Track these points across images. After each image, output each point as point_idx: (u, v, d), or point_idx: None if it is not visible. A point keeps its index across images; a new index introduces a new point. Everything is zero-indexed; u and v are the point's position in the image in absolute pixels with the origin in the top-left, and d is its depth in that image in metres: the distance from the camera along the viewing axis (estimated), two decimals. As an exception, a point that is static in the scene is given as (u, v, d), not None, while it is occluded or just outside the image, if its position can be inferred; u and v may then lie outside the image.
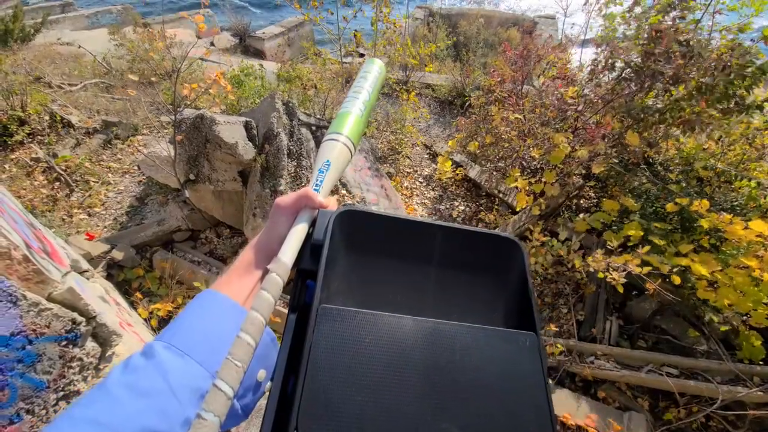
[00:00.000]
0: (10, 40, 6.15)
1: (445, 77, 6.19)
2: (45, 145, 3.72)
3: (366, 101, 0.60)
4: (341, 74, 5.06)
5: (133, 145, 4.06)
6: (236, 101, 3.87)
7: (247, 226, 2.87)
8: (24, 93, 3.90)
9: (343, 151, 0.54)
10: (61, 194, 3.30)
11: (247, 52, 8.43)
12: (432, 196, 3.97)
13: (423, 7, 10.23)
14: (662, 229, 2.07)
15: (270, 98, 3.05)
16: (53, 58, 6.11)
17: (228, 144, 2.67)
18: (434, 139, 4.96)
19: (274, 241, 0.47)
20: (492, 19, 9.06)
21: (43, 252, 1.41)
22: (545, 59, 3.85)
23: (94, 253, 2.65)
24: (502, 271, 0.44)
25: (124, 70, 5.28)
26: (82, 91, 4.68)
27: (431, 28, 8.17)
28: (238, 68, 4.55)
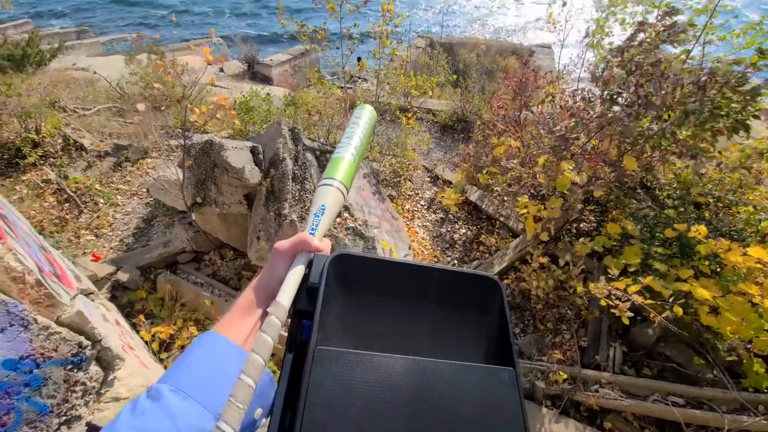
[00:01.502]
0: (27, 65, 6.40)
1: (446, 103, 6.38)
2: (57, 167, 3.83)
3: (357, 146, 0.64)
4: (344, 100, 5.23)
5: (142, 167, 4.17)
6: (244, 126, 4.00)
7: (250, 248, 2.90)
8: (39, 116, 4.06)
9: (337, 196, 0.58)
10: (71, 215, 3.37)
11: (255, 78, 8.74)
12: (433, 219, 4.01)
13: (424, 37, 10.66)
14: (663, 254, 2.09)
15: (277, 124, 3.16)
16: (68, 83, 6.36)
17: (235, 168, 2.75)
18: (435, 162, 5.06)
19: (273, 283, 0.50)
20: (491, 48, 9.41)
21: (53, 275, 1.44)
22: (543, 87, 3.99)
23: (99, 274, 2.68)
24: (484, 308, 0.47)
25: (136, 95, 5.49)
26: (95, 115, 4.85)
27: (432, 56, 8.47)
28: (247, 95, 4.73)
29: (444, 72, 7.34)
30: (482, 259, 3.34)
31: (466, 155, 4.19)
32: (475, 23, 22.40)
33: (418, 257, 3.39)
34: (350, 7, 3.57)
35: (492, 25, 21.31)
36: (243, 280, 3.13)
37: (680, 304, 1.78)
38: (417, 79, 4.83)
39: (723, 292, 1.82)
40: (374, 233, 3.03)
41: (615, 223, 2.42)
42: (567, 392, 2.20)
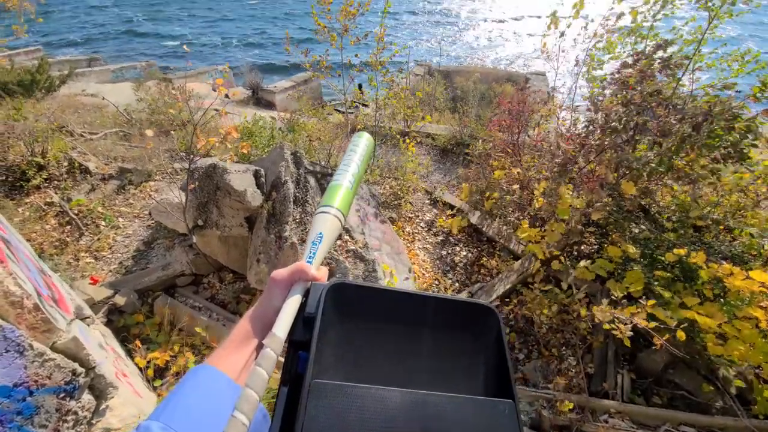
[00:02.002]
0: (36, 90, 6.59)
1: (444, 127, 6.53)
2: (61, 189, 3.87)
3: (355, 173, 0.66)
4: (345, 125, 5.36)
5: (145, 190, 4.21)
6: (247, 151, 4.07)
7: (250, 271, 2.88)
8: (45, 140, 4.14)
9: (335, 223, 0.59)
10: (71, 238, 3.37)
11: (259, 104, 8.99)
12: (434, 242, 4.01)
13: (422, 64, 11.06)
14: (664, 278, 2.08)
15: (279, 148, 3.23)
16: (77, 108, 6.53)
17: (237, 192, 2.78)
18: (435, 185, 5.11)
19: (269, 312, 0.50)
20: (487, 75, 9.73)
21: (51, 300, 1.43)
22: (539, 111, 4.10)
23: (97, 298, 2.64)
24: (482, 337, 0.47)
25: (143, 120, 5.63)
26: (102, 139, 4.95)
27: (430, 83, 8.75)
28: (251, 121, 4.85)
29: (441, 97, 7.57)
30: (484, 282, 3.31)
31: (466, 177, 4.25)
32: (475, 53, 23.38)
33: (418, 280, 3.36)
34: (351, 39, 3.72)
35: (488, 55, 22.20)
36: (241, 304, 3.09)
37: (685, 329, 1.75)
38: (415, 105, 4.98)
39: (729, 317, 1.79)
40: (375, 256, 3.02)
41: (615, 246, 2.42)
42: (575, 423, 2.12)
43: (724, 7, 3.00)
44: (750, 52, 3.32)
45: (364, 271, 2.84)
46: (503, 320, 2.99)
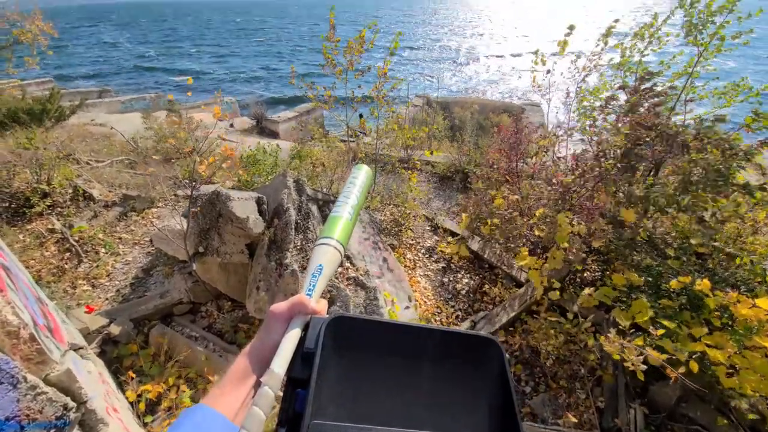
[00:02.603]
0: (46, 119, 6.77)
1: (443, 155, 6.67)
2: (63, 216, 3.89)
3: (354, 205, 0.67)
4: (347, 153, 5.48)
5: (147, 217, 4.23)
6: (250, 177, 4.14)
7: (249, 299, 2.84)
8: (52, 168, 4.22)
9: (335, 255, 0.59)
10: (70, 265, 3.34)
11: (263, 133, 9.23)
12: (435, 268, 3.98)
13: (421, 96, 11.48)
14: (670, 307, 2.04)
15: (282, 176, 3.28)
16: (85, 137, 6.70)
17: (239, 218, 2.79)
18: (435, 211, 5.14)
19: (267, 348, 0.49)
20: (484, 106, 10.07)
21: (47, 329, 1.40)
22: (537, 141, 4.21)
23: (92, 327, 2.58)
24: (484, 371, 0.46)
25: (149, 148, 5.76)
26: (108, 167, 5.04)
27: (429, 113, 9.04)
28: (254, 148, 4.96)
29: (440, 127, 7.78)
30: (487, 311, 3.25)
31: (466, 205, 4.29)
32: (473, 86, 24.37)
33: (420, 308, 3.30)
34: (356, 73, 3.89)
35: (486, 89, 23.12)
36: (239, 333, 3.01)
37: (697, 360, 1.71)
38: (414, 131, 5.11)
39: (738, 347, 1.75)
40: (376, 283, 2.99)
41: (618, 274, 2.40)
42: (587, 462, 2.00)
43: (712, 43, 3.17)
44: (742, 82, 3.44)
45: (365, 299, 2.79)
46: (507, 351, 2.91)
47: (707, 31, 3.13)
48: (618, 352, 1.71)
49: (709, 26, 3.11)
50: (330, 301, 2.64)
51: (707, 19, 3.08)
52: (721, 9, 3.03)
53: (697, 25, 3.13)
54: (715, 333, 1.85)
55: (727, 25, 3.10)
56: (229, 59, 37.24)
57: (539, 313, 2.69)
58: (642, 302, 2.03)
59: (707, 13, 3.07)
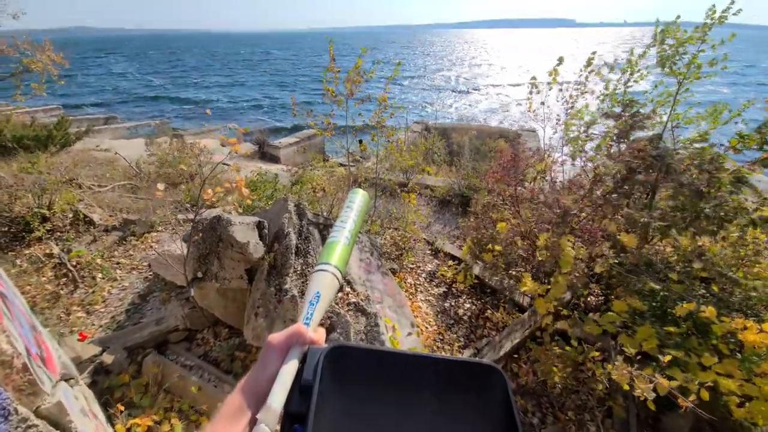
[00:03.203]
0: (51, 145, 6.89)
1: (442, 179, 6.76)
2: (62, 241, 3.88)
3: (352, 230, 0.67)
4: (348, 178, 5.55)
5: (146, 241, 4.21)
6: (252, 202, 4.17)
7: (247, 326, 2.78)
8: (54, 192, 4.25)
9: (333, 281, 0.58)
10: (65, 290, 3.29)
11: (264, 158, 9.38)
12: (436, 293, 3.92)
13: (420, 122, 11.78)
14: (677, 334, 2.00)
15: (283, 200, 3.30)
16: (89, 162, 6.80)
17: (240, 243, 2.78)
18: (435, 235, 5.14)
19: (264, 381, 0.47)
20: (481, 132, 10.32)
21: (39, 359, 1.36)
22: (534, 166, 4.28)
23: (84, 356, 2.51)
24: (488, 401, 0.45)
25: (152, 173, 5.83)
26: (110, 191, 5.08)
27: (427, 138, 9.24)
28: (254, 173, 5.03)
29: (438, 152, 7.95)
30: (490, 337, 3.18)
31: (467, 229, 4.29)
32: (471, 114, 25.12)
33: (422, 335, 3.22)
34: (356, 102, 4.02)
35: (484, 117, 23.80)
36: (236, 362, 2.92)
37: (708, 389, 1.65)
38: (414, 154, 5.22)
39: (748, 374, 1.70)
40: (376, 309, 2.94)
41: (621, 300, 2.37)
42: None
43: (690, 71, 3.31)
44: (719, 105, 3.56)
45: (366, 325, 2.74)
46: (512, 381, 2.81)
47: (682, 61, 3.28)
48: (627, 381, 1.66)
49: (681, 56, 3.26)
50: (330, 327, 2.59)
51: (676, 51, 3.24)
52: (690, 39, 3.19)
53: (671, 56, 3.29)
54: (724, 361, 1.81)
55: (704, 53, 3.24)
56: (234, 88, 38.50)
57: (544, 340, 2.62)
58: (647, 329, 1.99)
59: (676, 44, 3.23)
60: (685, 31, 3.24)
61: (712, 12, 3.12)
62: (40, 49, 7.42)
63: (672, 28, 3.29)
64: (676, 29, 3.25)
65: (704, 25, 3.16)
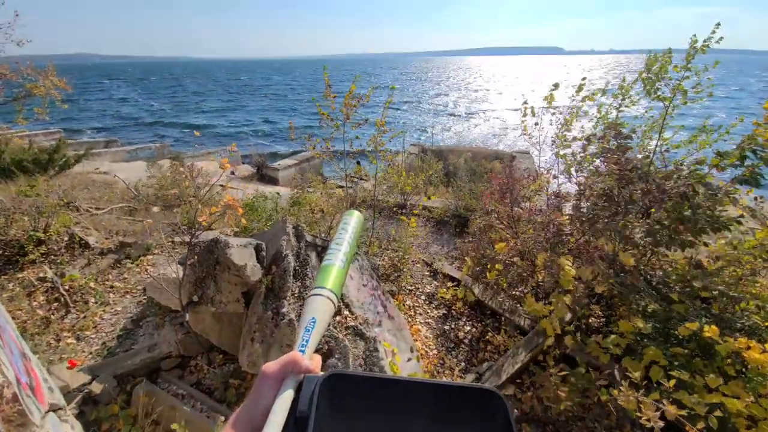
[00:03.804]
0: (50, 168, 6.92)
1: (440, 200, 6.82)
2: (56, 264, 3.82)
3: (347, 252, 0.67)
4: (346, 199, 5.59)
5: (142, 264, 4.16)
6: (249, 224, 4.16)
7: (243, 351, 2.70)
8: (51, 215, 4.23)
9: (328, 306, 0.57)
10: (56, 316, 3.21)
11: (263, 180, 9.45)
12: (435, 315, 3.87)
13: (416, 145, 12.01)
14: (681, 355, 1.97)
15: (281, 222, 3.30)
16: (87, 185, 6.81)
17: (237, 266, 2.76)
18: (433, 256, 5.12)
19: (257, 414, 0.45)
20: (477, 153, 10.51)
21: (29, 388, 1.32)
22: (529, 186, 4.35)
23: (73, 384, 2.42)
24: (489, 427, 0.44)
25: (150, 195, 5.84)
26: (107, 214, 5.06)
27: (424, 160, 9.39)
28: (253, 195, 5.05)
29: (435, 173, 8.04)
30: (491, 361, 3.11)
31: (466, 249, 4.29)
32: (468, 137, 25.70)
33: (423, 360, 3.15)
34: (353, 125, 4.12)
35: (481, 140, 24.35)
36: (229, 390, 2.82)
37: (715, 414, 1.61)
38: (415, 180, 5.29)
39: (754, 395, 1.67)
40: (375, 332, 2.88)
41: (625, 321, 2.35)
42: None
43: (676, 97, 3.45)
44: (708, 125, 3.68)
45: (365, 350, 2.67)
46: (516, 407, 2.73)
47: (668, 87, 3.43)
48: (635, 408, 1.62)
49: (667, 83, 3.41)
50: (328, 352, 2.53)
51: (659, 77, 3.39)
52: (675, 68, 3.35)
53: (654, 82, 3.44)
54: (730, 382, 1.77)
55: (688, 80, 3.40)
56: (234, 113, 39.30)
57: (547, 364, 2.57)
58: (655, 351, 1.96)
59: (661, 71, 3.39)
60: (668, 59, 3.40)
61: (694, 41, 3.28)
62: (44, 74, 7.60)
63: (653, 56, 3.46)
64: (662, 57, 3.41)
65: (687, 54, 3.31)
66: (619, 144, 3.08)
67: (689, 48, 3.31)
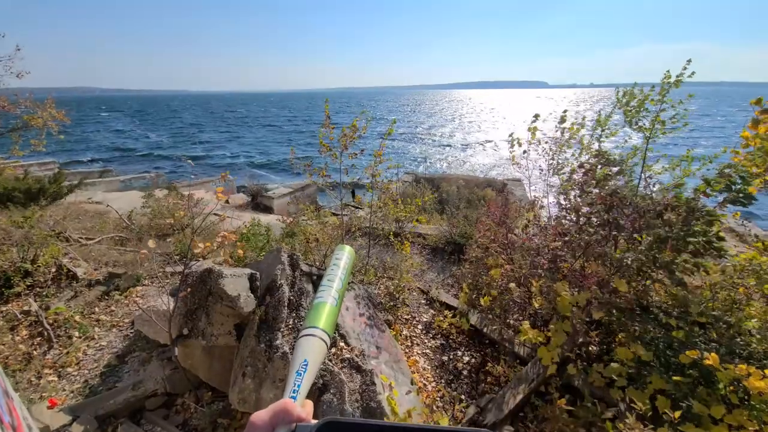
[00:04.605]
0: (41, 198, 6.86)
1: (434, 227, 6.86)
2: (42, 297, 3.70)
3: (339, 289, 0.67)
4: (341, 227, 5.59)
5: (131, 296, 4.05)
6: (243, 253, 4.12)
7: (233, 388, 2.59)
8: (40, 246, 4.15)
9: (321, 347, 0.56)
10: (39, 351, 3.07)
11: (258, 208, 9.45)
12: (433, 346, 3.77)
13: (410, 173, 12.24)
14: (684, 383, 1.94)
15: (277, 251, 3.28)
16: (79, 215, 6.74)
17: (230, 297, 2.70)
18: (429, 284, 5.08)
19: None
20: (469, 181, 10.72)
21: (11, 428, 1.24)
22: (524, 215, 4.42)
23: (53, 425, 2.27)
24: None
25: (143, 225, 5.78)
26: (97, 244, 4.98)
27: (418, 188, 9.53)
28: (248, 224, 5.03)
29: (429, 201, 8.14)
30: (492, 393, 3.01)
31: (462, 276, 4.27)
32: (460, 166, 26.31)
33: (422, 393, 3.03)
34: (350, 154, 4.22)
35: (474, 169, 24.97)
36: (218, 430, 2.67)
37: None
38: (411, 208, 5.34)
39: (758, 424, 1.63)
40: (372, 365, 2.79)
41: (625, 348, 2.32)
42: None
43: (654, 128, 3.64)
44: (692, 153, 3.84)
45: (361, 384, 2.58)
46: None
47: (647, 119, 3.63)
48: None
49: (645, 114, 3.62)
50: (323, 387, 2.43)
51: (638, 111, 3.60)
52: (651, 102, 3.56)
53: (634, 114, 3.65)
54: (734, 411, 1.74)
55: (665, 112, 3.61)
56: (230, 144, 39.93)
57: (553, 396, 2.50)
58: (660, 380, 1.93)
59: (639, 104, 3.60)
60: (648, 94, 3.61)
61: (667, 76, 3.50)
62: (42, 106, 7.73)
63: (627, 91, 3.70)
64: (639, 91, 3.63)
65: (661, 89, 3.53)
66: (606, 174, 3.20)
67: (663, 82, 3.54)
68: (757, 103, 2.07)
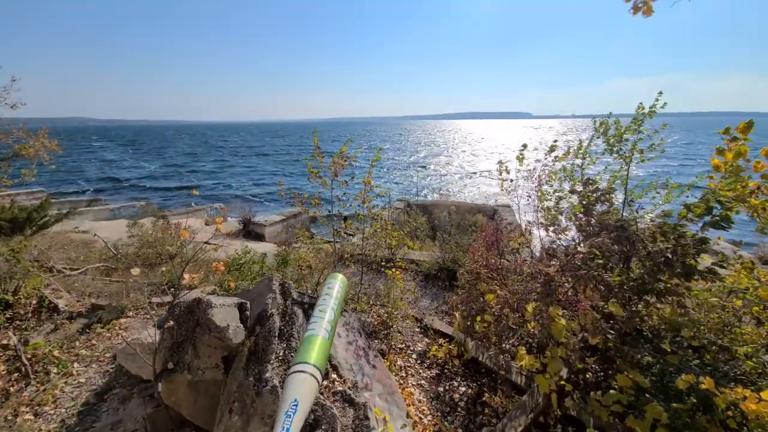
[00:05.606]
0: (27, 227, 6.70)
1: (427, 254, 6.85)
2: (21, 330, 3.53)
3: (331, 320, 0.67)
4: (333, 254, 5.56)
5: (113, 329, 3.89)
6: (234, 283, 4.04)
7: (219, 426, 2.45)
8: (22, 277, 4.01)
9: (312, 385, 0.55)
10: (16, 387, 2.89)
11: (249, 236, 9.37)
12: (428, 376, 3.66)
13: (402, 200, 12.37)
14: (684, 410, 1.91)
15: (268, 279, 3.23)
16: (64, 245, 6.59)
17: (219, 327, 2.62)
18: (423, 311, 5.00)
19: None
20: (460, 207, 10.86)
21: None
22: (514, 240, 4.46)
23: (18, 475, 2.10)
24: None
25: (130, 255, 5.66)
26: (82, 275, 4.84)
27: (410, 214, 9.60)
28: (240, 252, 4.97)
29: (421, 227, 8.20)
30: (491, 426, 2.90)
31: (456, 303, 4.24)
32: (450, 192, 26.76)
33: (417, 427, 2.91)
34: (341, 182, 4.28)
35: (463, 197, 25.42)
36: (201, 474, 2.50)
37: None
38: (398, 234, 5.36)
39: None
40: (365, 398, 2.68)
41: (623, 375, 2.29)
42: None
43: (634, 156, 3.82)
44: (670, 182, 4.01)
45: (354, 418, 2.47)
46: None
47: (626, 147, 3.85)
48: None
49: (624, 143, 3.84)
50: (314, 423, 2.32)
51: (618, 138, 3.82)
52: (628, 130, 3.80)
53: (614, 143, 3.87)
54: (735, 439, 1.71)
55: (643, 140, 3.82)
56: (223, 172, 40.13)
57: (548, 425, 2.42)
58: (656, 409, 1.90)
59: (618, 134, 3.83)
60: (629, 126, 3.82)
61: (641, 108, 3.74)
62: (35, 137, 7.74)
63: (605, 120, 3.95)
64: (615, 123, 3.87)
65: (635, 119, 3.76)
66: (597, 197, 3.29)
67: (637, 113, 3.77)
68: (726, 132, 2.19)
